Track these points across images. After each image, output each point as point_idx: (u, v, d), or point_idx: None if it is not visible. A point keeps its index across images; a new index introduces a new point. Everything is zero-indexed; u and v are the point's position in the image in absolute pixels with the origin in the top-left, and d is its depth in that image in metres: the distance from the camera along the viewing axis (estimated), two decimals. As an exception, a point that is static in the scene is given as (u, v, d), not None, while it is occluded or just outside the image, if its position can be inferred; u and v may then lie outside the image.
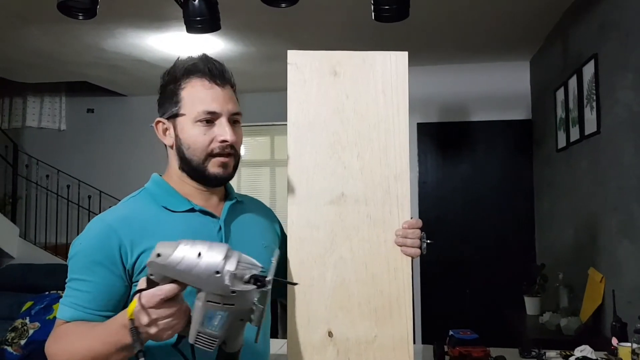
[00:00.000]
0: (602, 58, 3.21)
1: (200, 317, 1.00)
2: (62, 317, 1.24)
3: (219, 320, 1.00)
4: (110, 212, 1.32)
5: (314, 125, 1.59)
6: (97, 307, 1.22)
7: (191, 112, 1.32)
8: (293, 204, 1.57)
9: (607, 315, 3.11)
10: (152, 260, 1.00)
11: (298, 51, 1.62)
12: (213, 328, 1.01)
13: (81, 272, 1.24)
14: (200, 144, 1.31)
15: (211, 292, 0.98)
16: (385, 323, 1.53)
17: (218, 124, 1.32)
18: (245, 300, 0.99)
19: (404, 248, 1.53)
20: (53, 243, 6.90)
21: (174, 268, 0.98)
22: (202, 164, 1.33)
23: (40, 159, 7.21)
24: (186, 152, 1.33)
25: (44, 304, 4.77)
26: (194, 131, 1.31)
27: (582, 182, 3.59)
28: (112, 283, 1.23)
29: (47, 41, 4.80)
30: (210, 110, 1.31)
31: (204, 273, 0.97)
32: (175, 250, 0.99)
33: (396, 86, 1.60)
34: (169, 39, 4.64)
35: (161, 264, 0.99)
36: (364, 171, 1.57)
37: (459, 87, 5.25)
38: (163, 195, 1.36)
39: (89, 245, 1.26)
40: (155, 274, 1.01)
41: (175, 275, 0.99)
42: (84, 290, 1.23)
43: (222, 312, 1.00)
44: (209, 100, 1.31)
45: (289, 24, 4.31)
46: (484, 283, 5.05)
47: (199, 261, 0.98)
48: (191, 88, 1.33)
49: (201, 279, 0.98)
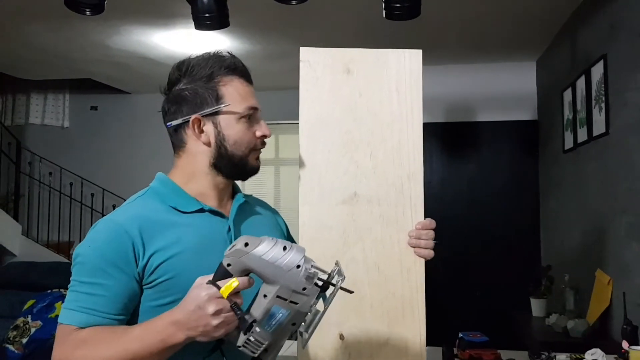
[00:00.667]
0: (611, 59, 3.18)
1: (263, 314, 1.05)
2: (74, 322, 1.17)
3: (278, 319, 1.06)
4: (119, 213, 1.28)
5: (326, 124, 1.56)
6: (113, 311, 1.19)
7: (236, 108, 1.34)
8: (305, 203, 1.55)
9: (615, 318, 3.09)
10: (238, 248, 1.06)
11: (310, 48, 1.60)
12: (268, 328, 1.05)
13: (94, 275, 1.19)
14: (246, 138, 1.35)
15: (285, 286, 1.04)
16: (398, 325, 1.51)
17: (254, 120, 1.37)
18: (307, 302, 1.06)
19: (417, 249, 1.51)
20: (55, 241, 6.87)
21: (259, 258, 1.05)
22: (246, 158, 1.36)
23: (43, 157, 7.18)
24: (230, 147, 1.34)
25: (46, 302, 4.77)
26: (239, 126, 1.34)
27: (589, 184, 3.56)
28: (127, 285, 1.20)
29: (52, 38, 4.77)
30: (253, 105, 1.36)
31: (287, 266, 1.04)
32: (262, 242, 1.06)
33: (410, 84, 1.59)
34: (175, 37, 4.62)
35: (246, 253, 1.05)
36: (377, 171, 1.55)
37: (464, 87, 5.23)
38: (171, 195, 1.33)
39: (100, 246, 1.21)
40: (234, 263, 1.06)
41: (257, 265, 1.05)
42: (98, 294, 1.18)
43: (285, 310, 1.05)
44: (250, 96, 1.37)
45: (296, 22, 4.28)
46: (488, 284, 5.02)
47: (285, 254, 1.05)
48: (231, 86, 1.35)
49: (282, 272, 1.04)
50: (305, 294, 1.05)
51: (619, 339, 3.00)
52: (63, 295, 4.89)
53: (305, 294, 1.05)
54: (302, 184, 1.55)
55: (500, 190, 5.19)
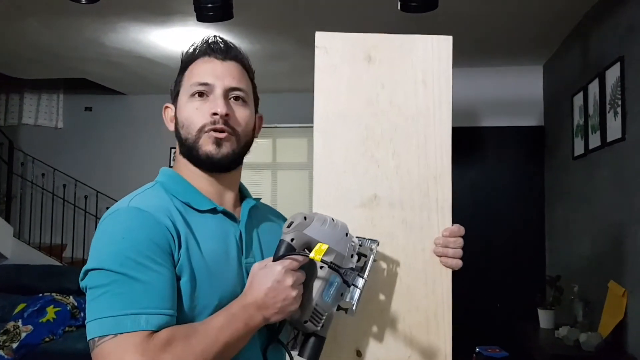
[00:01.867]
0: (628, 61, 3.07)
1: (323, 284, 1.11)
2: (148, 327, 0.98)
3: (334, 288, 1.12)
4: (139, 201, 1.12)
5: (344, 118, 1.41)
6: (172, 305, 1.04)
7: (185, 87, 1.24)
8: (319, 206, 1.39)
9: (630, 331, 2.97)
10: (299, 222, 1.10)
11: (328, 33, 1.42)
12: (328, 298, 1.11)
13: (144, 267, 1.02)
14: (193, 119, 1.20)
15: (340, 254, 1.11)
16: (421, 342, 1.37)
17: (212, 98, 1.21)
18: (352, 271, 1.13)
19: (444, 258, 1.37)
20: (48, 244, 6.74)
21: (319, 227, 1.11)
22: (195, 141, 1.20)
23: (36, 157, 7.06)
24: (182, 131, 1.22)
25: (37, 306, 4.66)
26: (187, 107, 1.22)
27: (602, 191, 3.44)
28: (175, 277, 1.07)
29: (46, 35, 4.64)
30: (202, 81, 1.21)
31: (339, 233, 1.14)
32: (316, 215, 1.13)
33: (438, 75, 1.42)
34: (173, 35, 4.49)
35: (308, 225, 1.11)
36: (400, 171, 1.40)
37: (469, 91, 5.12)
38: (182, 191, 1.20)
39: (138, 236, 1.05)
40: (298, 237, 1.09)
41: (318, 234, 1.10)
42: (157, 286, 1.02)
43: (338, 277, 1.10)
44: (203, 72, 1.22)
45: (298, 22, 4.16)
46: (492, 293, 4.90)
47: (336, 223, 1.15)
48: (192, 67, 1.25)
49: (337, 239, 1.12)
50: (352, 261, 1.13)
51: (634, 353, 2.88)
52: (55, 299, 4.76)
53: (352, 261, 1.14)
54: (316, 185, 1.40)
55: (504, 197, 5.09)
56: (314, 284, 1.11)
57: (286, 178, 6.61)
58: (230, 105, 1.21)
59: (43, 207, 6.91)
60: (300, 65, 5.02)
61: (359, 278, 1.14)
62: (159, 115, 1.33)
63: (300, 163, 6.51)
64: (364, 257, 1.18)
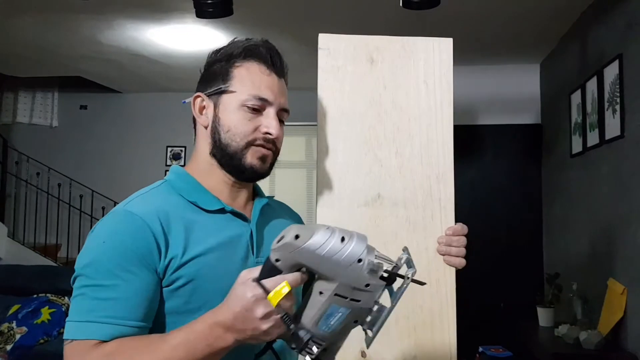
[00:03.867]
0: (627, 58, 3.06)
1: (319, 314, 0.92)
2: (95, 336, 0.98)
3: (337, 318, 0.92)
4: (135, 204, 1.12)
5: (347, 118, 1.42)
6: (139, 317, 1.01)
7: (241, 92, 1.18)
8: (323, 206, 1.40)
9: (630, 329, 2.97)
10: (287, 241, 0.90)
11: (331, 35, 1.44)
12: (326, 328, 0.93)
13: (114, 275, 1.02)
14: (242, 129, 1.17)
15: (345, 284, 0.90)
16: (426, 342, 1.36)
17: (265, 115, 1.19)
18: (370, 298, 0.93)
19: (448, 257, 1.37)
20: (42, 244, 6.70)
21: (312, 252, 0.89)
22: (241, 152, 1.17)
23: (30, 156, 7.01)
24: (223, 135, 1.18)
25: (31, 307, 4.61)
26: (238, 114, 1.18)
27: (601, 189, 3.44)
28: (151, 286, 1.04)
29: (41, 32, 4.61)
30: (263, 96, 1.18)
31: (346, 260, 0.89)
32: (316, 233, 0.90)
33: (440, 76, 1.44)
34: (170, 33, 4.46)
35: (298, 247, 0.89)
36: (403, 170, 1.40)
37: (466, 89, 5.10)
38: (189, 191, 1.18)
39: (120, 241, 1.04)
40: (284, 259, 0.91)
41: (311, 261, 0.90)
42: (121, 297, 1.01)
43: (345, 309, 0.92)
44: (264, 86, 1.19)
45: (298, 20, 4.14)
46: (491, 291, 4.90)
47: (343, 246, 0.89)
48: (247, 69, 1.20)
49: (340, 267, 0.89)
50: (368, 290, 0.91)
51: (634, 351, 2.88)
52: (50, 300, 4.73)
53: (369, 290, 0.91)
54: (320, 184, 1.40)
55: (502, 195, 5.08)
56: (305, 312, 0.94)
57: (284, 176, 6.59)
58: (280, 125, 1.21)
59: (38, 206, 6.87)
60: (299, 63, 4.96)
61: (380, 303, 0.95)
62: (156, 113, 1.30)
63: (299, 162, 6.50)
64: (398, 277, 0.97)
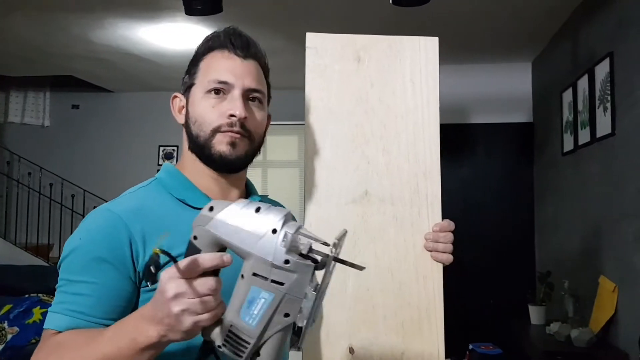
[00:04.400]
0: (618, 56, 3.08)
1: (239, 300, 0.81)
2: (55, 326, 1.01)
3: (260, 306, 0.80)
4: (118, 202, 1.12)
5: (334, 116, 1.41)
6: (101, 314, 1.02)
7: (202, 81, 1.17)
8: (311, 203, 1.40)
9: (621, 327, 2.98)
10: (202, 213, 0.85)
11: (318, 34, 1.45)
12: (250, 319, 0.80)
13: (81, 272, 1.03)
14: (207, 117, 1.15)
15: (261, 259, 0.80)
16: (414, 338, 1.36)
17: (229, 98, 1.16)
18: (297, 282, 0.79)
19: (435, 253, 1.37)
20: (34, 244, 6.68)
21: (224, 222, 0.83)
22: (209, 140, 1.15)
23: (22, 156, 6.99)
24: (193, 127, 1.17)
25: (23, 307, 4.60)
26: (202, 103, 1.16)
27: (592, 187, 3.45)
28: (119, 285, 1.03)
29: (33, 31, 4.59)
30: (222, 79, 1.15)
31: (258, 230, 0.80)
32: (230, 205, 0.84)
33: (426, 74, 1.45)
34: (161, 31, 4.45)
35: (210, 218, 0.84)
36: (390, 167, 1.40)
37: (458, 88, 5.11)
38: (179, 188, 1.18)
39: (91, 239, 1.05)
40: (200, 235, 0.85)
41: (224, 233, 0.82)
42: (83, 293, 1.02)
43: (267, 293, 0.80)
44: (223, 69, 1.16)
45: (288, 18, 4.14)
46: (483, 289, 4.91)
47: (256, 216, 0.82)
48: (209, 60, 1.19)
49: (253, 238, 0.80)
50: (290, 270, 0.78)
51: (625, 348, 2.89)
52: (42, 300, 4.72)
53: (291, 269, 0.78)
54: (307, 181, 1.40)
55: (494, 193, 5.10)
56: (230, 301, 0.84)
57: (277, 175, 6.59)
58: (247, 107, 1.17)
59: (29, 206, 6.85)
60: (290, 63, 4.99)
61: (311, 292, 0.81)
62: (147, 112, 1.30)
63: (291, 161, 6.50)
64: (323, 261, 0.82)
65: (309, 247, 0.80)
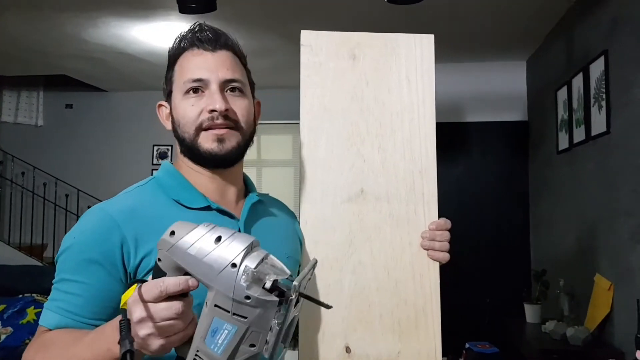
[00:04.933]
0: (613, 54, 3.07)
1: (204, 328, 0.79)
2: (46, 324, 1.03)
3: (224, 337, 0.77)
4: (114, 202, 1.11)
5: (329, 114, 1.41)
6: (89, 314, 1.02)
7: (179, 84, 1.17)
8: (306, 202, 1.39)
9: (617, 325, 2.98)
10: (163, 238, 0.83)
11: (313, 31, 1.45)
12: (216, 347, 0.78)
13: (73, 271, 1.04)
14: (188, 116, 1.14)
15: (221, 293, 0.77)
16: (410, 337, 1.35)
17: (207, 94, 1.14)
18: (260, 316, 0.76)
19: (431, 252, 1.37)
20: (28, 243, 6.65)
21: (184, 251, 0.79)
22: (195, 140, 1.15)
23: (15, 156, 6.95)
24: (179, 130, 1.17)
25: (17, 307, 4.59)
26: (183, 104, 1.15)
27: (587, 185, 3.45)
28: (109, 287, 1.02)
29: (25, 30, 4.56)
30: (195, 77, 1.14)
31: (217, 263, 0.77)
32: (192, 230, 0.81)
33: (422, 72, 1.44)
34: (155, 30, 4.43)
35: (171, 244, 0.81)
36: (386, 165, 1.40)
37: (453, 87, 5.11)
38: (175, 188, 1.16)
39: (84, 239, 1.05)
40: (164, 258, 0.83)
41: (184, 262, 0.80)
42: (74, 293, 1.02)
43: (229, 325, 0.77)
44: (195, 67, 1.15)
45: (283, 17, 4.12)
46: (479, 288, 4.91)
47: (215, 247, 0.78)
48: (180, 62, 1.18)
49: (212, 271, 0.77)
50: (252, 305, 0.75)
51: (622, 347, 2.89)
52: (35, 300, 4.70)
53: (252, 305, 0.75)
54: (303, 180, 1.40)
55: (489, 192, 5.09)
56: (197, 326, 0.82)
57: (271, 175, 6.58)
58: (228, 98, 1.15)
59: (23, 206, 6.82)
60: (285, 62, 4.99)
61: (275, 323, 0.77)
62: (141, 112, 1.29)
63: (285, 160, 6.48)
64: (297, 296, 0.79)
65: (272, 282, 0.76)
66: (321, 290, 1.34)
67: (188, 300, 0.82)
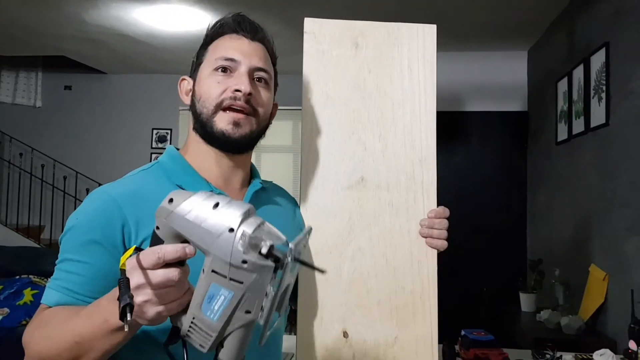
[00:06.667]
0: (614, 47, 3.08)
1: (200, 295, 0.81)
2: (47, 302, 1.05)
3: (220, 302, 0.79)
4: (117, 185, 1.13)
5: (332, 102, 1.42)
6: (89, 293, 1.03)
7: (210, 60, 1.20)
8: (307, 188, 1.40)
9: (610, 315, 3.01)
10: (161, 205, 0.84)
11: (316, 19, 1.45)
12: (212, 314, 0.80)
13: (75, 251, 1.05)
14: (212, 93, 1.17)
15: (219, 258, 0.78)
16: (408, 323, 1.37)
17: (236, 75, 1.17)
18: (257, 281, 0.77)
19: (430, 239, 1.38)
20: (25, 225, 6.65)
21: (182, 217, 0.81)
22: (212, 117, 1.16)
23: (13, 137, 6.93)
24: (197, 104, 1.19)
25: (14, 288, 4.58)
26: (208, 80, 1.18)
27: (585, 176, 3.47)
28: (109, 267, 1.03)
29: (25, 10, 4.53)
30: (229, 56, 1.18)
31: (215, 228, 0.78)
32: (190, 197, 0.82)
33: (423, 62, 1.45)
34: (155, 12, 4.40)
35: (169, 212, 0.82)
36: (386, 154, 1.41)
37: (453, 76, 5.12)
38: (178, 173, 1.18)
39: (87, 220, 1.07)
40: (162, 226, 0.84)
41: (183, 228, 0.81)
42: (75, 272, 1.04)
43: (226, 290, 0.78)
44: (230, 48, 1.19)
45: (284, 2, 4.10)
46: (475, 276, 4.94)
47: (213, 213, 0.79)
48: (217, 43, 1.22)
49: (210, 236, 0.78)
50: (249, 270, 0.76)
51: (614, 336, 2.92)
52: (32, 281, 4.71)
53: (249, 269, 0.76)
54: (304, 167, 1.41)
55: (487, 181, 5.11)
56: (194, 293, 0.83)
57: (270, 161, 6.58)
58: (254, 84, 1.19)
59: (21, 187, 6.81)
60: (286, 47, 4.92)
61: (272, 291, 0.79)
62: (141, 95, 1.30)
63: (285, 146, 6.49)
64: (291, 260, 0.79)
65: (269, 247, 0.77)
66: (320, 276, 1.35)
67: (185, 269, 0.84)
